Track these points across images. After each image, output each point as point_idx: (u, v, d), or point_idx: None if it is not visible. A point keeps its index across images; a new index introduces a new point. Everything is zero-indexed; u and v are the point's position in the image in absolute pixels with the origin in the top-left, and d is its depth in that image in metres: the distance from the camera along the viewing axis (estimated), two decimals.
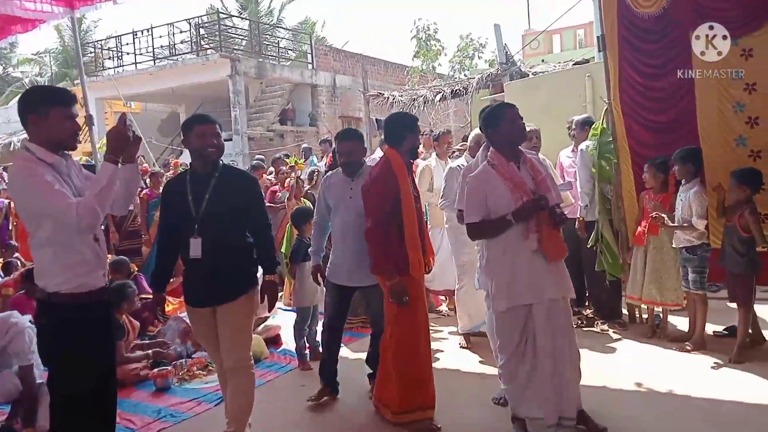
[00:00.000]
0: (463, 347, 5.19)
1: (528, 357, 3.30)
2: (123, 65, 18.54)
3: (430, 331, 4.93)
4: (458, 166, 4.90)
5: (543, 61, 15.40)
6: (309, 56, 18.87)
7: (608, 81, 5.62)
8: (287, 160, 9.33)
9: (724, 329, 5.17)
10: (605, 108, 5.69)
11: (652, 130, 5.37)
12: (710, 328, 5.01)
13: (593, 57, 10.50)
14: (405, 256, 3.56)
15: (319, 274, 4.29)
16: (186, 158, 11.88)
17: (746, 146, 4.91)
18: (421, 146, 8.31)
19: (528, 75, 10.13)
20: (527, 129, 3.85)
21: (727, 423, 3.58)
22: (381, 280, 3.69)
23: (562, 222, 3.34)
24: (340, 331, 4.26)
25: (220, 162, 3.36)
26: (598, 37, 5.77)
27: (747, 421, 3.58)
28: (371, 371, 4.15)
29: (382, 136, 4.07)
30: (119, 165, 2.72)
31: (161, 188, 7.69)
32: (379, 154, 5.59)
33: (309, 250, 4.51)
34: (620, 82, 5.49)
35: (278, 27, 20.49)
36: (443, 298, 6.49)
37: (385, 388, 3.75)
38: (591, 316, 5.68)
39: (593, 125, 5.71)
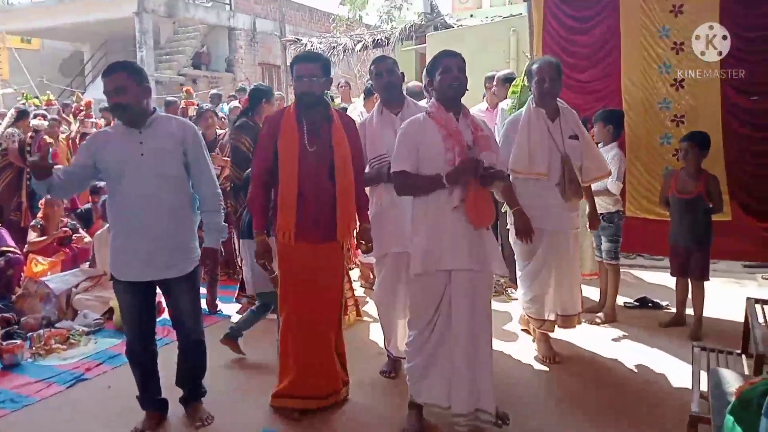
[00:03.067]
0: None
1: (436, 335, 2.89)
2: None
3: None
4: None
5: (471, 15, 14.94)
6: None
7: (531, 34, 5.22)
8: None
9: (635, 300, 4.98)
10: (527, 64, 5.30)
11: (574, 89, 5.01)
12: (620, 300, 4.79)
13: (521, 12, 10.14)
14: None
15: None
16: (89, 96, 10.78)
17: (670, 110, 4.66)
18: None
19: (453, 28, 9.66)
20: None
21: (640, 400, 3.32)
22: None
23: (490, 181, 2.87)
24: (153, 351, 3.14)
25: None
26: None
27: (662, 400, 3.33)
28: (184, 395, 3.24)
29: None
30: None
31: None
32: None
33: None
34: (544, 36, 5.11)
35: None
36: None
37: None
38: (502, 283, 5.36)
39: (512, 81, 5.29)
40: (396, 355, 3.62)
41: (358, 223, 3.40)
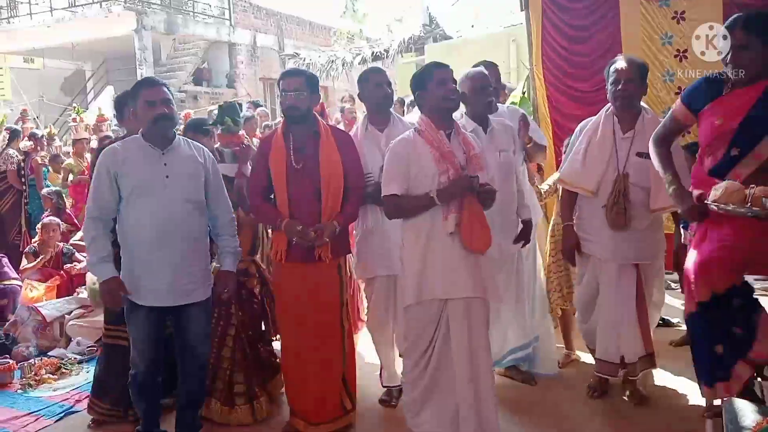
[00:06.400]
0: None
1: (432, 365, 2.76)
2: (18, 16, 16.80)
3: None
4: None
5: (473, 26, 14.88)
6: (226, 12, 17.57)
7: (530, 44, 5.12)
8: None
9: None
10: (527, 74, 5.21)
11: (575, 99, 4.90)
12: None
13: (521, 22, 10.06)
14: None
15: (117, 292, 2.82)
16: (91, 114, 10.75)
17: None
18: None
19: (452, 39, 9.59)
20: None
21: (651, 426, 3.17)
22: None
23: (490, 201, 2.77)
24: (160, 384, 3.03)
25: None
26: None
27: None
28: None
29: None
30: None
31: None
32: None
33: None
34: (543, 46, 4.99)
35: None
36: None
37: None
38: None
39: (512, 92, 5.19)
40: (388, 385, 3.48)
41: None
